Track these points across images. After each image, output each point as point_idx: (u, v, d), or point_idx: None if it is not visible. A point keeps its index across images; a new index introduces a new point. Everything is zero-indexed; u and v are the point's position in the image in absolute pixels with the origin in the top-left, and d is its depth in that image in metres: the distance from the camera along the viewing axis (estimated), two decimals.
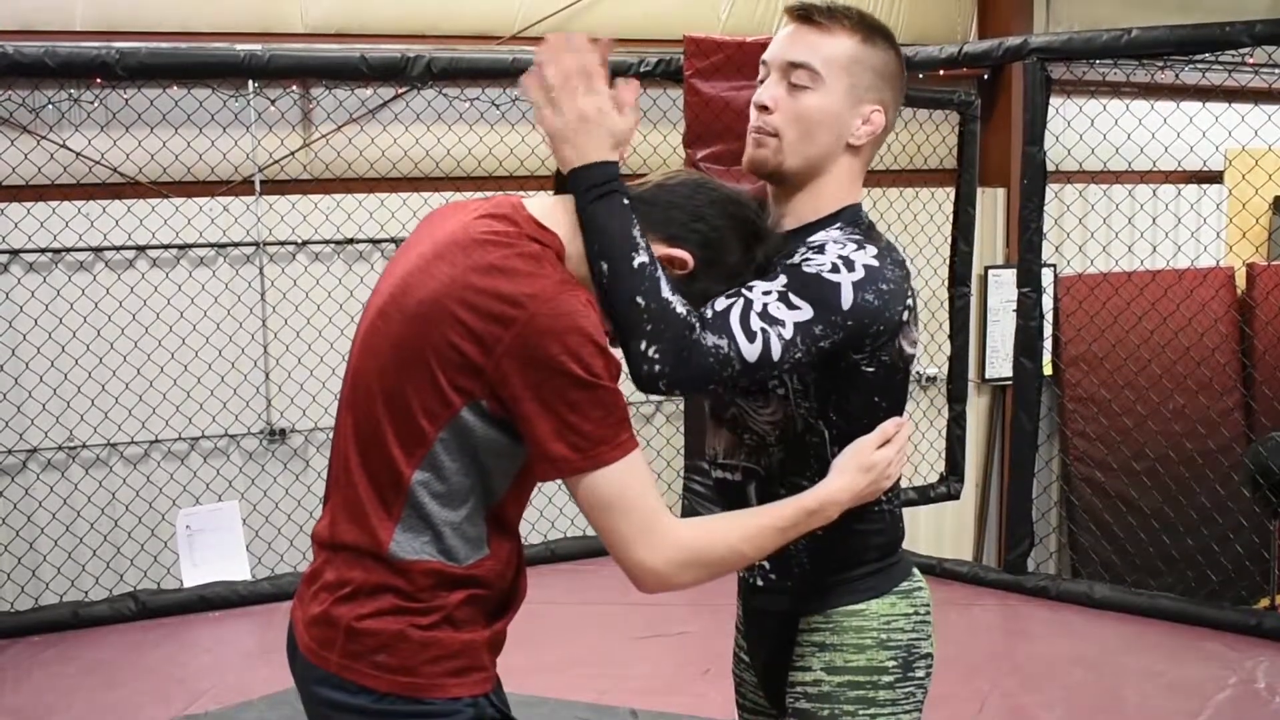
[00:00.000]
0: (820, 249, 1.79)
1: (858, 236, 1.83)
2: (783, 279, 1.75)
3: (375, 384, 1.68)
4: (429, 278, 1.65)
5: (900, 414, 1.89)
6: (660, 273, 1.69)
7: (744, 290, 1.74)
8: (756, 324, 1.70)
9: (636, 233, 1.69)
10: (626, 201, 1.71)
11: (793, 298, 1.72)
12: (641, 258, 1.68)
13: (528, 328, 1.58)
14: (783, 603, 1.94)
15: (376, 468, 1.68)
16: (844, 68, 1.84)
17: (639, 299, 1.66)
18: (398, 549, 1.66)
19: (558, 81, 1.71)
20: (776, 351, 1.71)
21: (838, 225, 1.86)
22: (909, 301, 1.81)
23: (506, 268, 1.62)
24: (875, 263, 1.77)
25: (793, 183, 1.88)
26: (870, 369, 1.81)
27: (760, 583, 1.96)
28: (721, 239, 1.77)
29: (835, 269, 1.74)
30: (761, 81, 1.90)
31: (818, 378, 1.82)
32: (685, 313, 1.69)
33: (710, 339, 1.69)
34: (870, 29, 1.87)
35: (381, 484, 1.68)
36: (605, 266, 1.68)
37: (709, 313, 1.72)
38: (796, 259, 1.78)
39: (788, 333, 1.71)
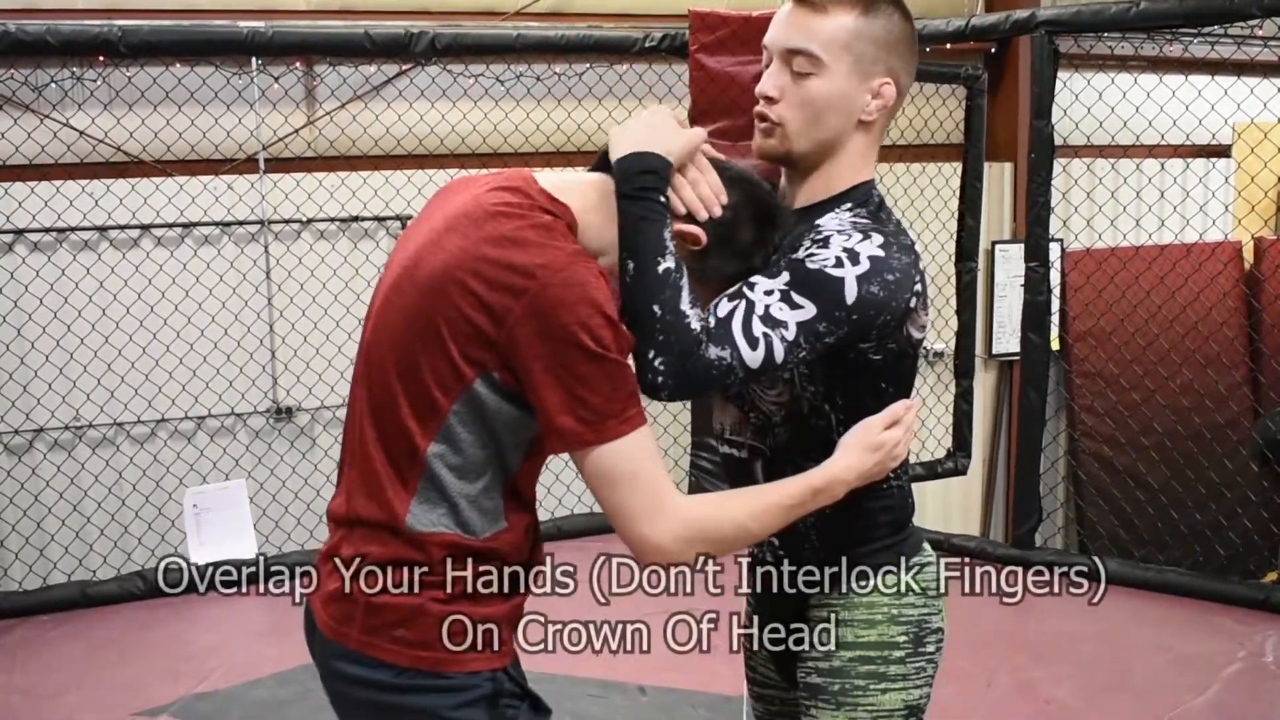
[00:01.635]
0: (825, 242, 1.75)
1: (864, 222, 1.80)
2: (785, 275, 1.73)
3: (389, 357, 1.68)
4: (441, 250, 1.65)
5: (908, 394, 1.88)
6: (684, 280, 1.69)
7: (746, 290, 1.73)
8: (758, 329, 1.69)
9: (667, 235, 1.69)
10: (662, 200, 1.70)
11: (795, 296, 1.71)
12: (667, 263, 1.67)
13: (539, 298, 1.58)
14: (792, 579, 1.94)
15: (392, 440, 1.68)
16: (845, 46, 1.80)
17: (655, 307, 1.66)
18: (414, 521, 1.66)
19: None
20: (779, 355, 1.70)
21: (848, 205, 1.84)
22: (917, 287, 1.79)
23: (518, 238, 1.61)
24: (881, 253, 1.74)
25: (805, 165, 1.86)
26: (877, 357, 1.80)
27: (770, 558, 1.96)
28: (735, 218, 1.77)
29: (839, 263, 1.72)
30: (766, 66, 1.86)
31: (825, 366, 1.80)
32: (698, 329, 1.68)
33: (713, 351, 1.68)
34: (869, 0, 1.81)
35: (397, 457, 1.68)
36: (631, 265, 1.68)
37: (711, 320, 1.71)
38: (801, 254, 1.75)
39: (790, 333, 1.70)
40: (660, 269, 1.67)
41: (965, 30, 5.22)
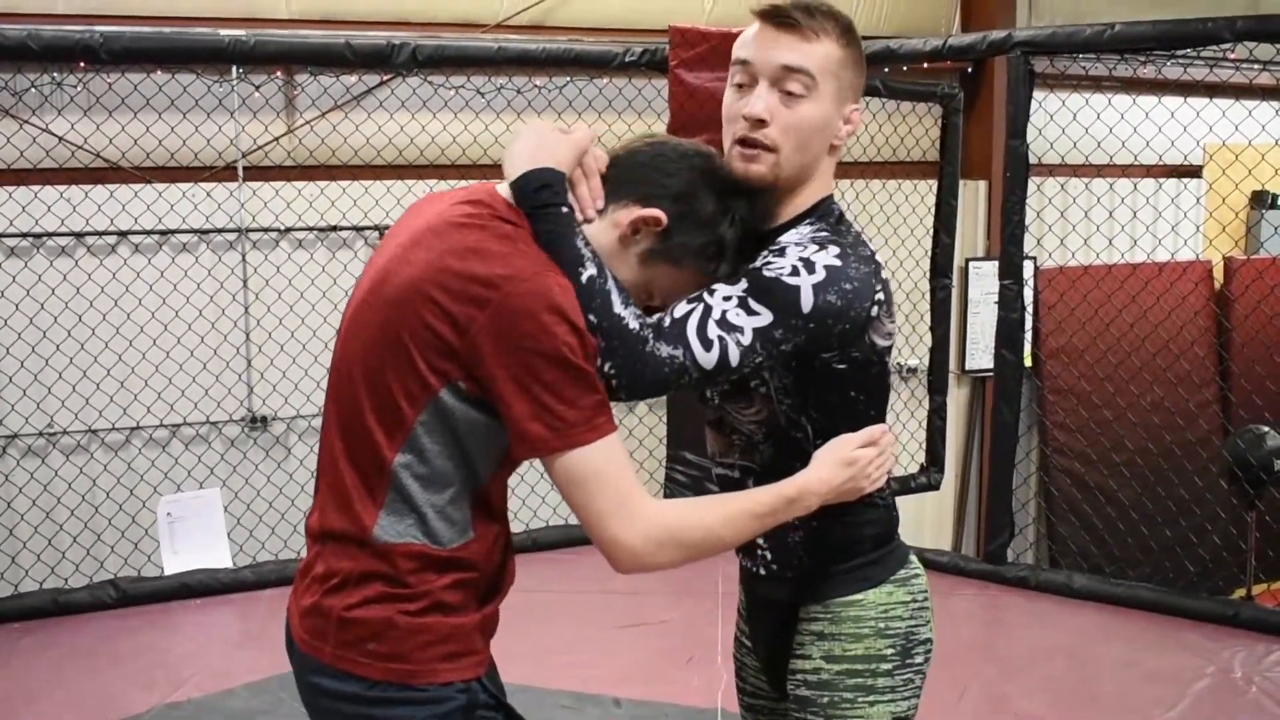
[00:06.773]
0: (781, 252, 1.77)
1: (823, 235, 1.81)
2: (744, 283, 1.74)
3: (357, 371, 1.70)
4: (406, 264, 1.67)
5: (882, 405, 1.91)
6: (611, 284, 1.69)
7: (705, 295, 1.74)
8: (714, 332, 1.71)
9: (580, 243, 1.69)
10: (566, 209, 1.70)
11: (752, 303, 1.72)
12: (589, 270, 1.68)
13: (502, 307, 1.59)
14: (783, 592, 1.96)
15: (360, 453, 1.70)
16: (833, 73, 1.82)
17: (591, 316, 1.66)
18: (381, 532, 1.67)
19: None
20: (734, 358, 1.72)
21: (809, 221, 1.86)
22: (879, 296, 1.79)
23: (481, 249, 1.64)
24: (838, 262, 1.75)
25: (783, 189, 1.86)
26: (842, 365, 1.82)
27: (762, 572, 1.98)
28: (692, 191, 1.77)
29: (795, 272, 1.73)
30: (739, 85, 1.86)
31: (795, 376, 1.83)
32: (638, 327, 1.69)
33: (665, 350, 1.70)
34: (845, 28, 1.85)
35: (365, 469, 1.69)
36: None
37: (667, 320, 1.72)
38: (759, 262, 1.77)
39: (746, 339, 1.71)
40: (584, 278, 1.67)
41: (942, 50, 5.26)
